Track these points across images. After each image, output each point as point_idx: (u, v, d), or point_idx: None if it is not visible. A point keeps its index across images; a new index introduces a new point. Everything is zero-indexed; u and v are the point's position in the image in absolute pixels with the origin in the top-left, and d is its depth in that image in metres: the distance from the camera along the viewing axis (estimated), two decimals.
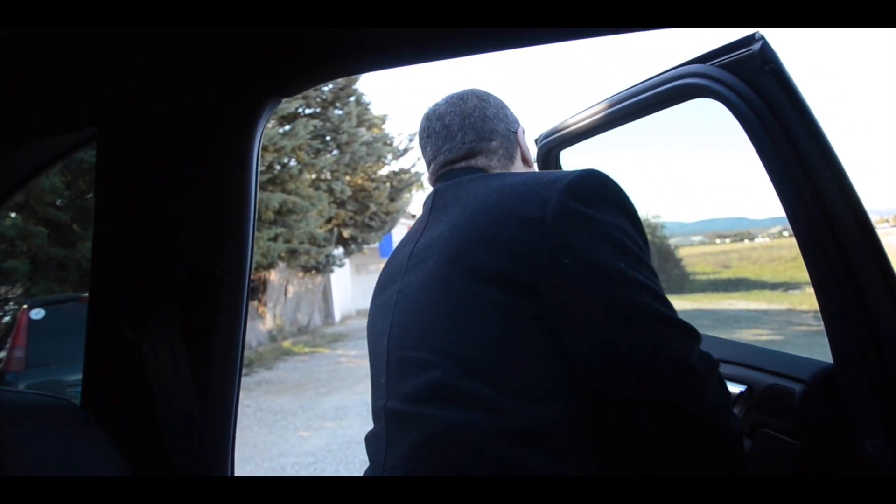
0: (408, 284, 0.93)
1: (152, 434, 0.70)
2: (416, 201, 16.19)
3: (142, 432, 0.72)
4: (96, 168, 0.69)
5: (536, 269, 0.80)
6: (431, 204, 1.00)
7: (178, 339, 0.70)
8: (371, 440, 0.94)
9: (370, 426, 0.97)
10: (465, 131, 1.04)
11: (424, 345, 0.85)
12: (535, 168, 1.11)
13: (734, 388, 1.12)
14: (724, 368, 1.18)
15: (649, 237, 0.92)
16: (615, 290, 0.79)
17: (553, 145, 1.61)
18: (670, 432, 0.83)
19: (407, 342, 0.89)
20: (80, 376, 0.78)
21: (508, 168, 1.06)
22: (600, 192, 0.86)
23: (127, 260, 0.69)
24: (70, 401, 0.74)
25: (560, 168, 1.67)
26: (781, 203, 0.97)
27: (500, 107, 1.09)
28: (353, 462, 5.18)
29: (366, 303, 2.08)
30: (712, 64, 1.00)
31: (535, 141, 1.68)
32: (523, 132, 1.11)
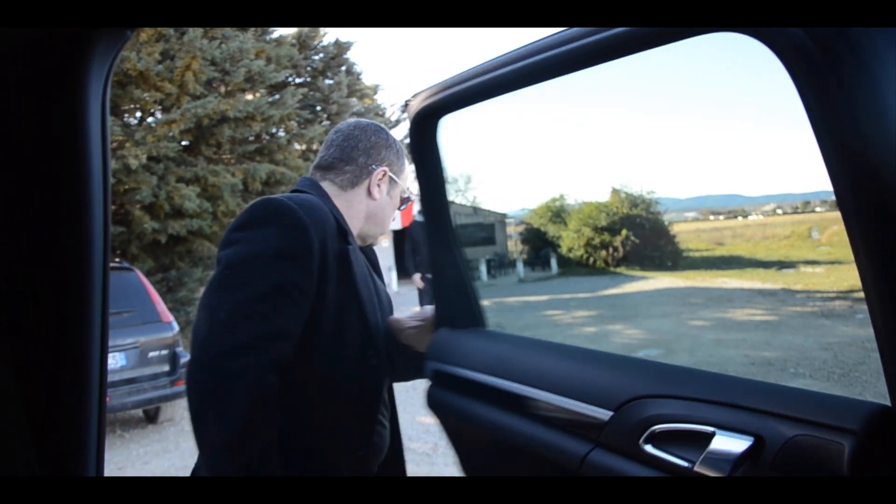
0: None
1: None
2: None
3: None
4: None
5: None
6: None
7: (2, 358, 0.50)
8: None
9: None
10: (335, 147, 1.39)
11: None
12: (376, 200, 1.39)
13: (736, 442, 0.82)
14: (721, 414, 0.88)
15: (643, 213, 0.76)
16: None
17: (431, 111, 1.29)
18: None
19: None
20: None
21: (347, 191, 1.37)
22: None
23: None
24: None
25: (437, 139, 1.36)
26: (832, 181, 0.75)
27: (375, 145, 1.39)
28: None
29: None
30: None
31: (406, 103, 1.36)
32: (383, 174, 1.38)
